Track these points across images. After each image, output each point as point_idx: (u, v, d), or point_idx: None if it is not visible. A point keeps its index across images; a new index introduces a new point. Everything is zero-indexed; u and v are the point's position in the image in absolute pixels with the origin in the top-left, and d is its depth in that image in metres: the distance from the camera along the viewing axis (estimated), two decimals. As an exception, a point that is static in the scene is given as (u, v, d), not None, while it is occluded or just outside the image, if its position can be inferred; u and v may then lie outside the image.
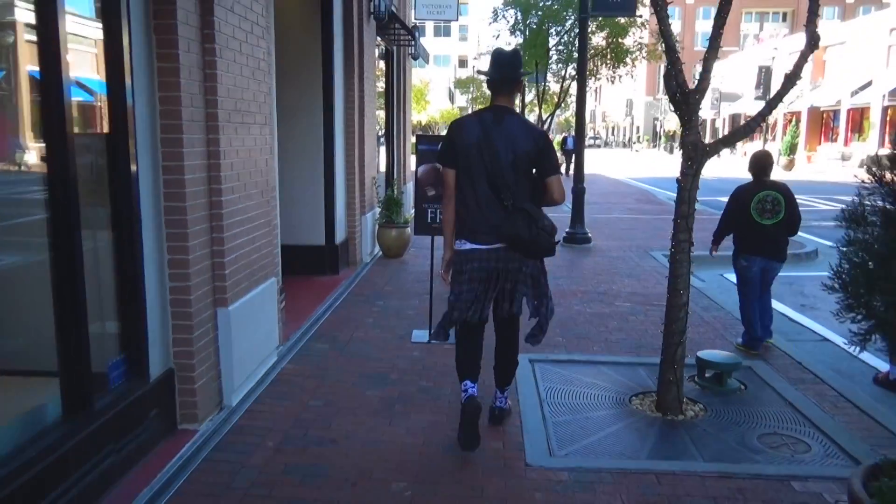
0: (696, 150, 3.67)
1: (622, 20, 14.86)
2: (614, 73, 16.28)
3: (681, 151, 3.78)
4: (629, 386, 4.56)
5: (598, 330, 5.78)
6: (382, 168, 11.45)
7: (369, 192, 8.63)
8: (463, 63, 70.82)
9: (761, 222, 5.09)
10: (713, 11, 3.43)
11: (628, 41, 16.02)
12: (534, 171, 3.52)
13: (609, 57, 15.83)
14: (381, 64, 11.57)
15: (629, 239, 10.80)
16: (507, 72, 3.58)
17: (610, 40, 15.54)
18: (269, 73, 4.68)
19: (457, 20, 13.03)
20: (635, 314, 6.30)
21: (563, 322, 5.99)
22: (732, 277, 8.80)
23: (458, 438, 3.47)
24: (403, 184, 12.47)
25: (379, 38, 10.78)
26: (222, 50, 3.72)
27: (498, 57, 3.67)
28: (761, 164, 5.19)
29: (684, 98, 3.60)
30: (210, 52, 3.62)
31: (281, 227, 7.46)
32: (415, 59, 12.55)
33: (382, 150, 11.51)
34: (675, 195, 3.89)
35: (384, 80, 11.62)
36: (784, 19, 65.34)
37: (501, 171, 3.41)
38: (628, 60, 16.13)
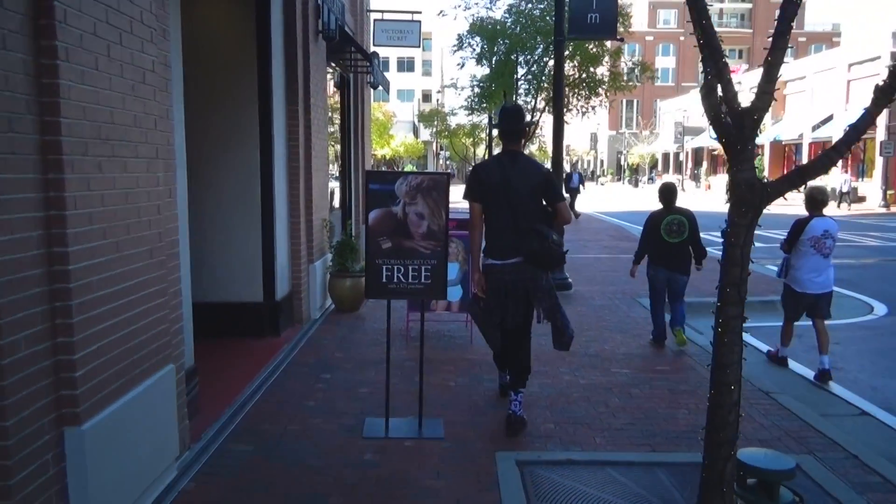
0: (752, 193, 2.61)
1: (593, 49, 14.12)
2: (587, 104, 15.47)
3: (727, 194, 2.71)
4: (650, 502, 3.41)
5: (598, 410, 4.65)
6: (339, 207, 10.30)
7: (319, 237, 7.45)
8: (427, 97, 70.61)
9: (668, 240, 6.10)
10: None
11: (601, 72, 15.28)
12: (543, 200, 4.32)
13: (582, 87, 15.03)
14: (336, 94, 10.51)
15: (611, 283, 9.78)
16: (513, 123, 4.39)
17: (582, 69, 14.77)
18: (167, 91, 3.51)
19: (418, 46, 12.09)
20: (638, 385, 5.19)
21: (554, 399, 4.85)
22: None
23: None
24: (361, 224, 11.31)
25: (333, 65, 9.74)
26: (71, 51, 2.55)
27: (505, 112, 4.51)
28: (669, 192, 6.26)
29: (736, 120, 2.54)
30: (49, 53, 2.45)
31: (210, 281, 6.22)
32: (374, 87, 11.51)
33: (338, 187, 10.38)
34: (721, 253, 2.82)
35: (339, 110, 10.54)
36: (740, 56, 66.96)
37: (520, 200, 4.20)
38: (601, 91, 15.33)
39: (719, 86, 2.67)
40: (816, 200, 5.75)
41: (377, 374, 5.24)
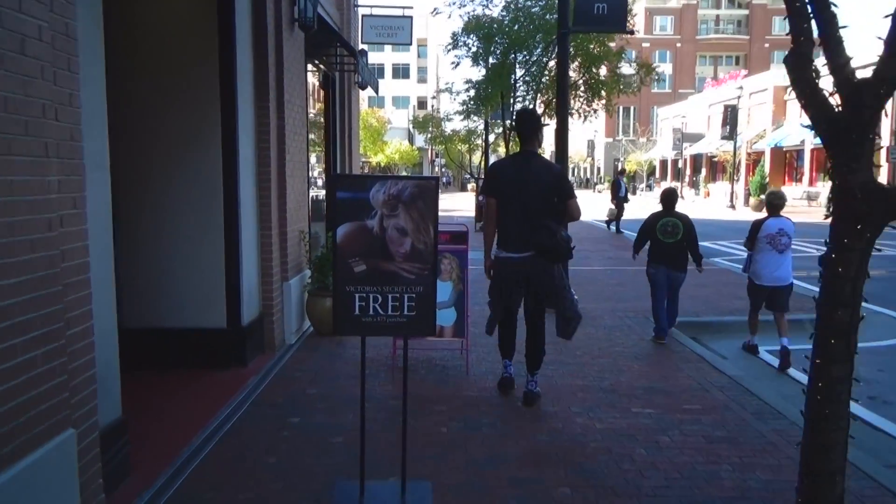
0: (870, 202, 1.79)
1: (595, 49, 13.34)
2: (589, 107, 14.64)
3: (829, 206, 1.90)
4: None
5: (622, 467, 3.81)
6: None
7: (295, 251, 6.61)
8: (423, 104, 69.91)
9: (664, 241, 6.72)
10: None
11: (602, 73, 14.46)
12: (555, 198, 4.64)
13: (584, 89, 14.22)
14: (322, 94, 9.71)
15: (621, 299, 8.96)
16: (527, 125, 4.75)
17: (583, 71, 13.97)
18: (70, 71, 2.69)
19: (410, 44, 11.30)
20: (666, 430, 4.36)
21: (567, 452, 4.01)
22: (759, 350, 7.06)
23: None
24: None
25: (317, 63, 8.97)
26: None
27: (521, 115, 4.94)
28: (669, 197, 6.94)
29: (852, 98, 1.73)
30: None
31: (163, 305, 5.36)
32: (362, 87, 10.72)
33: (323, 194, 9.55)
34: (819, 288, 2.00)
35: (324, 111, 9.74)
36: (737, 62, 66.57)
37: (531, 198, 4.56)
38: (603, 93, 14.51)
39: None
40: (773, 204, 6.50)
41: (356, 416, 4.38)
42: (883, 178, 28.63)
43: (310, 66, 9.20)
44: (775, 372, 6.24)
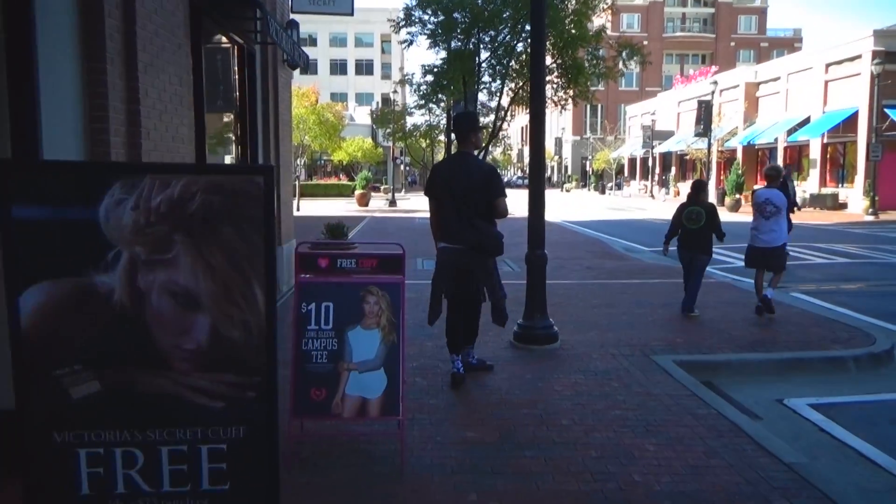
0: None
1: (571, 28, 11.58)
2: (566, 94, 12.88)
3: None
4: None
5: None
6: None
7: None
8: (387, 101, 67.92)
9: (689, 227, 7.69)
10: None
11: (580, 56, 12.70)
12: (486, 196, 4.94)
13: (557, 74, 12.45)
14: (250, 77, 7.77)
15: (610, 327, 7.15)
16: (462, 126, 5.16)
17: (557, 53, 12.19)
18: None
19: (351, 14, 9.40)
20: None
21: None
22: (798, 405, 5.38)
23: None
24: (279, 244, 8.55)
25: (232, 34, 7.08)
26: None
27: (458, 117, 5.43)
28: (697, 188, 7.86)
29: None
30: None
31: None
32: (292, 66, 8.78)
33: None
34: None
35: (240, 95, 7.80)
36: (703, 60, 66.07)
37: (464, 196, 4.92)
38: (581, 80, 12.72)
39: None
40: (767, 175, 7.93)
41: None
42: (860, 176, 27.63)
43: (223, 39, 7.29)
44: (831, 440, 4.54)
